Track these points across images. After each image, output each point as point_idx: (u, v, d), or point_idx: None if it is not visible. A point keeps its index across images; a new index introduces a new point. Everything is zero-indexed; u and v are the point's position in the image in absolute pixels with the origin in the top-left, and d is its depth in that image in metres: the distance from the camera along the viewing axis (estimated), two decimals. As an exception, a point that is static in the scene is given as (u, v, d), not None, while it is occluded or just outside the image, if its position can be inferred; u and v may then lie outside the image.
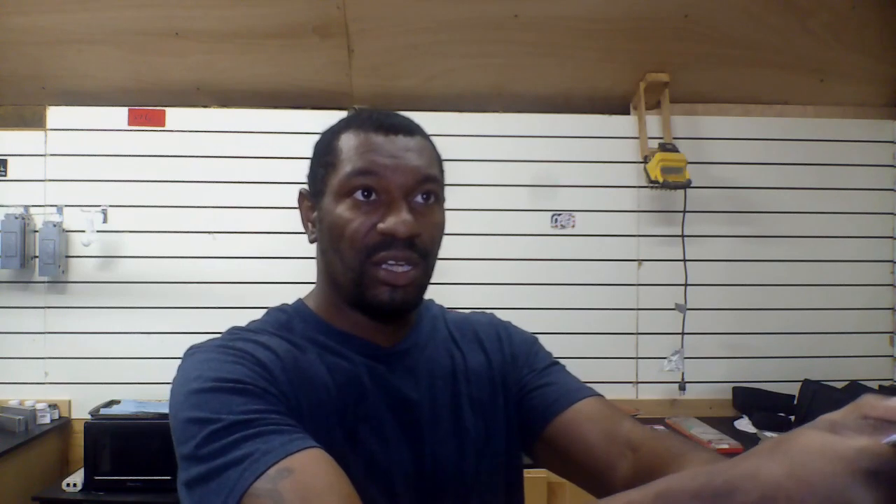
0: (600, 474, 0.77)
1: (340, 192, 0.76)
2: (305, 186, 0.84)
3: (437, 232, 0.79)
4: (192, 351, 0.74)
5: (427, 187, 0.77)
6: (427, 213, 0.77)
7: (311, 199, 0.82)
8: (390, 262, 0.74)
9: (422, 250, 0.76)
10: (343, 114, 0.86)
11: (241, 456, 0.62)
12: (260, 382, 0.69)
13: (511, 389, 0.86)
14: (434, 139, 0.83)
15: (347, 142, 0.78)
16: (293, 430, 0.65)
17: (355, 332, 0.80)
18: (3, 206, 2.51)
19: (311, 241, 0.83)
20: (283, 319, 0.81)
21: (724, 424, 2.43)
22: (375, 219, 0.75)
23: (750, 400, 2.54)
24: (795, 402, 2.49)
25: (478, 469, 0.81)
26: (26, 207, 2.51)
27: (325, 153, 0.80)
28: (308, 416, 0.71)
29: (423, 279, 0.78)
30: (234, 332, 0.78)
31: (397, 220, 0.74)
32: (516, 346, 0.90)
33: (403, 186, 0.75)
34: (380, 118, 0.79)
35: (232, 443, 0.63)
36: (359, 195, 0.75)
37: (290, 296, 0.88)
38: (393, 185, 0.75)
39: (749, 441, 2.26)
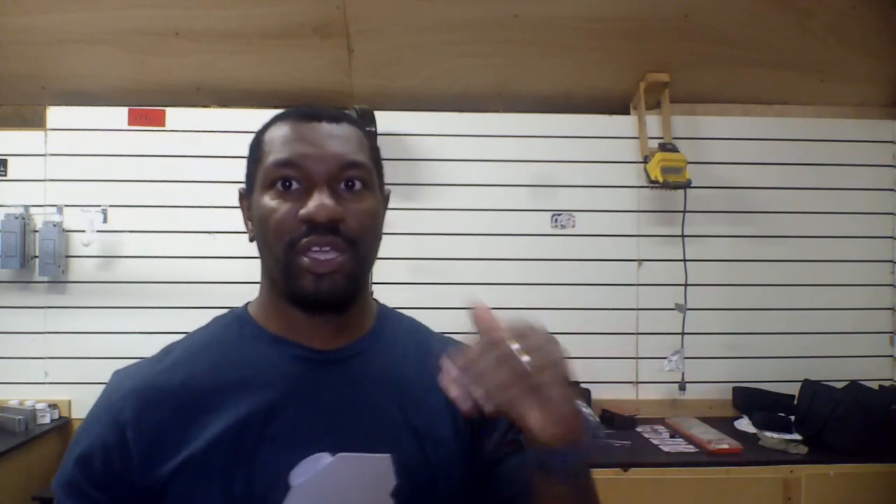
0: None
1: (264, 185, 0.77)
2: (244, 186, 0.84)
3: (367, 219, 0.77)
4: (108, 382, 0.81)
5: (350, 174, 0.76)
6: (353, 200, 0.76)
7: (248, 198, 0.82)
8: (314, 248, 0.73)
9: (348, 237, 0.74)
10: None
11: None
12: (96, 469, 0.73)
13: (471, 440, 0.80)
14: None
15: (271, 134, 0.79)
16: None
17: (290, 334, 0.79)
18: (3, 206, 2.51)
19: (251, 240, 0.82)
20: (223, 324, 0.85)
21: (724, 424, 2.43)
22: (297, 207, 0.74)
23: (750, 400, 2.54)
24: (795, 402, 2.48)
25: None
26: (26, 207, 2.51)
27: (254, 149, 0.81)
28: (192, 451, 0.73)
29: (353, 267, 0.75)
30: (156, 359, 0.85)
31: (316, 205, 0.72)
32: None
33: (325, 174, 0.75)
34: (304, 108, 0.80)
35: None
36: (279, 186, 0.75)
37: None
38: (313, 172, 0.74)
39: (749, 441, 2.26)
